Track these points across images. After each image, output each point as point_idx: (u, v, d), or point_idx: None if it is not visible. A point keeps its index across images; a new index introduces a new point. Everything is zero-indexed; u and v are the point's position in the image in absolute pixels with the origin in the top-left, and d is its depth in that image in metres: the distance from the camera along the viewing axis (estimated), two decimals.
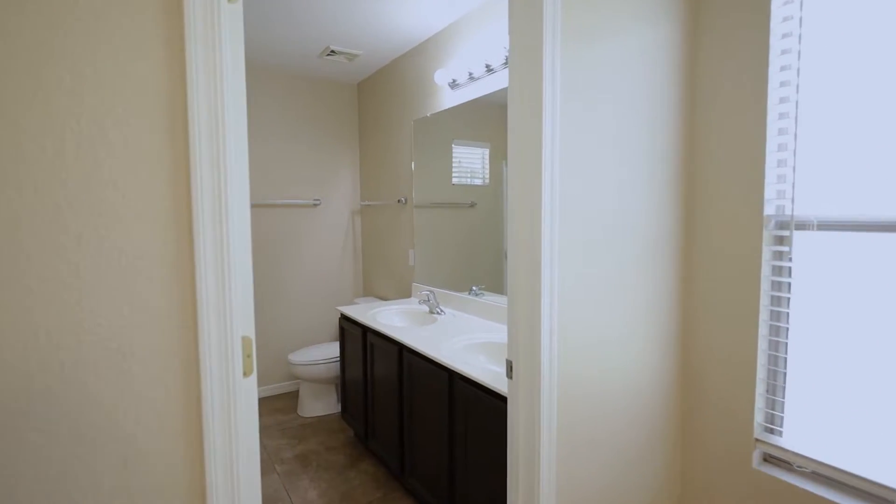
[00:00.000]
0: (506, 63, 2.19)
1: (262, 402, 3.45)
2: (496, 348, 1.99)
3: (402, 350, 2.11)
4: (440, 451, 1.85)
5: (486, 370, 1.65)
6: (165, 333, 0.90)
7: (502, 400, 1.51)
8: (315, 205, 3.67)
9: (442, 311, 2.58)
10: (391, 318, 2.67)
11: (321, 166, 3.69)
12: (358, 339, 2.55)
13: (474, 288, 2.59)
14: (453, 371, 1.73)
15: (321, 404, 3.22)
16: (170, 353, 0.90)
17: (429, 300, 2.60)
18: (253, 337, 0.95)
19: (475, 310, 2.50)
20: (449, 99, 2.65)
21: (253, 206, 3.43)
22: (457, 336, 2.08)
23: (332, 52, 3.04)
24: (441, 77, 2.51)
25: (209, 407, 0.91)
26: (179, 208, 0.89)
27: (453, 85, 2.56)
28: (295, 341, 3.68)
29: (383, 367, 2.30)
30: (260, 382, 3.55)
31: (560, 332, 1.26)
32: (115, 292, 0.85)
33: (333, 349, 3.20)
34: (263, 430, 3.00)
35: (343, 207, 3.81)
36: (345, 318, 2.72)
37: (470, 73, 2.40)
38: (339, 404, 3.18)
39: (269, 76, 3.43)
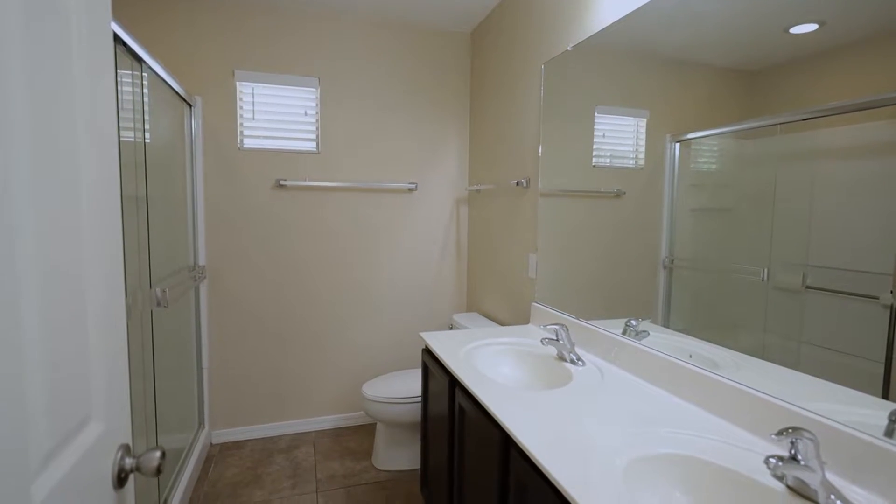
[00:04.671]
0: None
1: (333, 434, 2.75)
2: (705, 472, 0.96)
3: (508, 444, 1.17)
4: None
5: None
6: None
7: None
8: (410, 189, 2.87)
9: (579, 359, 1.58)
10: (496, 364, 1.73)
11: (420, 141, 2.87)
12: (443, 388, 1.67)
13: (633, 322, 1.56)
14: None
15: (402, 455, 2.41)
16: None
17: (558, 337, 1.62)
18: None
19: (634, 362, 1.46)
20: (605, 12, 1.63)
21: (330, 189, 2.73)
22: (614, 418, 1.08)
23: None
24: None
25: None
26: None
27: None
28: (375, 363, 2.92)
29: (477, 454, 1.38)
30: (332, 410, 2.86)
31: None
32: None
33: (420, 382, 2.38)
34: (326, 482, 2.28)
35: (446, 193, 2.96)
36: (428, 353, 1.86)
37: None
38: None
39: (352, 23, 2.69)
